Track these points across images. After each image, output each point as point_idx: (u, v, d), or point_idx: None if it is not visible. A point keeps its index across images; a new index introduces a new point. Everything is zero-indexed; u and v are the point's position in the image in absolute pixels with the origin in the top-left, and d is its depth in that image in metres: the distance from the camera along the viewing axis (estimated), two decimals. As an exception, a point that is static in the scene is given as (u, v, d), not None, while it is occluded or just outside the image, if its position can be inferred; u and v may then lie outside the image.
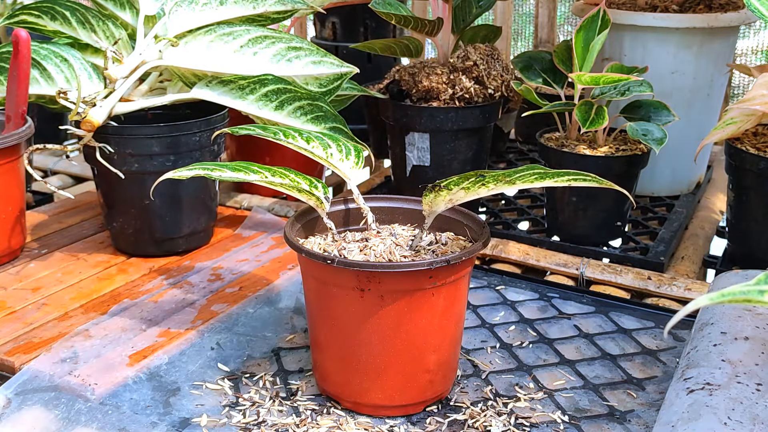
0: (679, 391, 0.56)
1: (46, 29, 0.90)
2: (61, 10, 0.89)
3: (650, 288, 0.86)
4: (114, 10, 0.93)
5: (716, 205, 1.11)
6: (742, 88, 1.57)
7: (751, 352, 0.58)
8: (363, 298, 0.60)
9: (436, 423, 0.63)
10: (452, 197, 0.62)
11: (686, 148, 1.04)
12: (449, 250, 0.65)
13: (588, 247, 0.94)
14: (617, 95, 0.93)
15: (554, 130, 1.00)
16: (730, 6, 1.05)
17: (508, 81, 1.01)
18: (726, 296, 0.33)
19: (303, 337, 0.76)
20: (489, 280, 0.88)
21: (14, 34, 0.83)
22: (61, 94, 0.83)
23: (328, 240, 0.66)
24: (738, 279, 0.67)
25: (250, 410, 0.64)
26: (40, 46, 0.87)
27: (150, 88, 0.90)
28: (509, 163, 1.27)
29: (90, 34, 0.89)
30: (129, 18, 0.94)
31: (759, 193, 0.86)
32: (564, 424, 0.63)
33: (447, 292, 0.61)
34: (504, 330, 0.78)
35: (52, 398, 0.65)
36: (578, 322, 0.79)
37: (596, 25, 0.93)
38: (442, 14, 0.98)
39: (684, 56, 1.03)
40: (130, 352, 0.71)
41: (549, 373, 0.70)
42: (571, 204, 0.94)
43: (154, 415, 0.63)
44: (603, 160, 0.92)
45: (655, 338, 0.76)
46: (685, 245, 0.98)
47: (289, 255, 0.92)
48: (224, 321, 0.77)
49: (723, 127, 0.84)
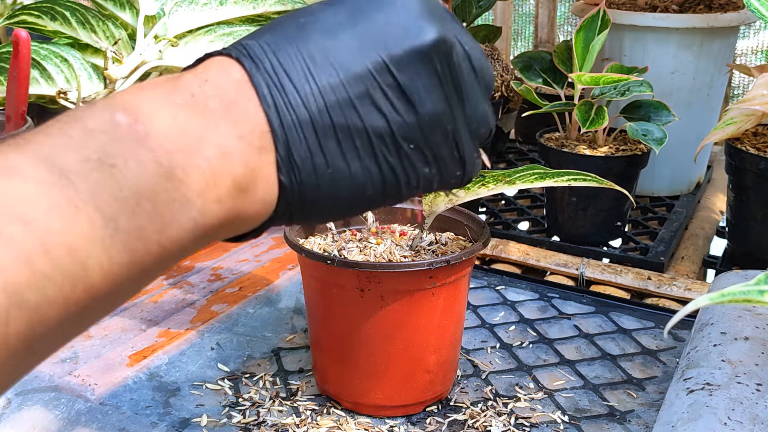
0: (679, 391, 0.56)
1: (46, 29, 0.90)
2: (61, 10, 0.89)
3: (650, 288, 0.86)
4: (114, 11, 0.93)
5: (716, 205, 1.11)
6: (742, 88, 1.57)
7: (751, 352, 0.58)
8: (363, 298, 0.60)
9: (436, 423, 0.63)
10: (452, 197, 0.62)
11: (686, 148, 1.04)
12: (449, 250, 0.65)
13: (588, 247, 0.94)
14: (617, 95, 0.93)
15: (554, 130, 1.00)
16: (730, 6, 1.05)
17: (508, 81, 1.01)
18: (726, 296, 0.33)
19: (303, 337, 0.76)
20: (489, 280, 0.88)
21: (14, 34, 0.82)
22: (61, 94, 0.83)
23: (327, 240, 0.66)
24: (738, 279, 0.67)
25: (250, 410, 0.64)
26: (40, 46, 0.87)
27: (150, 88, 0.90)
28: (509, 163, 1.27)
29: (90, 34, 0.89)
30: (129, 18, 0.94)
31: (759, 193, 0.86)
32: (564, 424, 0.63)
33: (447, 292, 0.61)
34: (504, 330, 0.78)
35: (52, 398, 0.65)
36: (578, 322, 0.79)
37: (596, 25, 0.93)
38: (442, 14, 0.98)
39: (684, 56, 1.03)
40: (130, 353, 0.71)
41: (549, 373, 0.70)
42: (571, 204, 0.94)
43: (154, 416, 0.63)
44: (603, 160, 0.92)
45: (655, 338, 0.76)
46: (685, 245, 0.98)
47: (289, 255, 0.92)
48: (224, 321, 0.77)
49: (723, 127, 0.84)
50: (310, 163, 0.35)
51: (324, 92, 0.35)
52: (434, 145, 0.38)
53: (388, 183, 0.38)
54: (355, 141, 0.36)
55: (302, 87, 0.35)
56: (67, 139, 0.30)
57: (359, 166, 0.36)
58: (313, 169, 0.35)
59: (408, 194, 0.39)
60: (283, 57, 0.35)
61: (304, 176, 0.35)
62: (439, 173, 0.39)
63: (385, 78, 0.36)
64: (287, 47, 0.36)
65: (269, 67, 0.35)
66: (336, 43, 0.36)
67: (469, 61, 0.39)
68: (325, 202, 0.37)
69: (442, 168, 0.39)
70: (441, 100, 0.37)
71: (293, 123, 0.35)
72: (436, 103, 0.37)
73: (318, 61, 0.35)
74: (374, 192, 0.37)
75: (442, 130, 0.38)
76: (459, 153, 0.39)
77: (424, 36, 0.36)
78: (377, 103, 0.36)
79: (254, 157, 0.34)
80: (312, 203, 0.36)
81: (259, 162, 0.34)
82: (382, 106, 0.36)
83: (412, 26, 0.36)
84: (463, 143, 0.39)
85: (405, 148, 0.37)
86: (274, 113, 0.34)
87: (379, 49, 0.36)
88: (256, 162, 0.34)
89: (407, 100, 0.36)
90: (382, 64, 0.36)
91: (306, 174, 0.35)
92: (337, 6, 0.37)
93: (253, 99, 0.34)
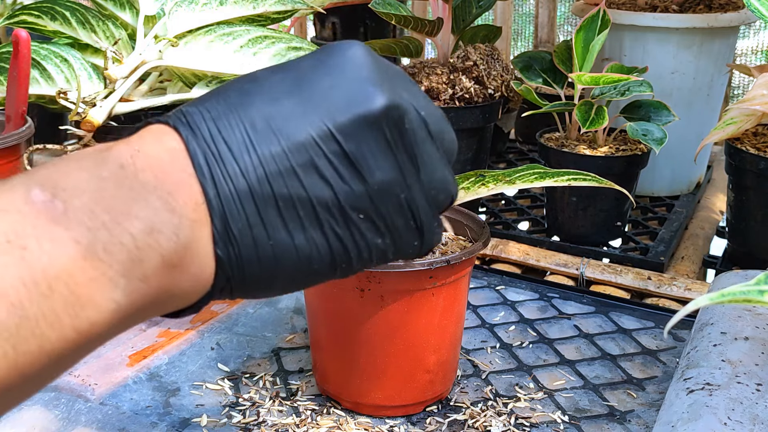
0: (679, 391, 0.56)
1: (46, 29, 0.90)
2: (61, 10, 0.89)
3: (650, 288, 0.86)
4: (114, 10, 0.93)
5: (716, 205, 1.11)
6: (742, 88, 1.57)
7: (751, 352, 0.58)
8: (363, 298, 0.60)
9: (436, 423, 0.63)
10: (452, 197, 0.61)
11: (686, 148, 1.04)
12: (449, 250, 0.65)
13: (588, 247, 0.94)
14: (617, 95, 0.93)
15: (554, 130, 1.00)
16: (730, 6, 1.05)
17: (508, 81, 1.01)
18: (726, 296, 0.33)
19: (303, 337, 0.76)
20: (489, 280, 0.88)
21: (14, 34, 0.82)
22: (61, 94, 0.83)
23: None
24: (738, 279, 0.67)
25: (250, 410, 0.64)
26: (40, 46, 0.87)
27: (150, 88, 0.90)
28: (509, 163, 1.27)
29: (90, 34, 0.89)
30: (129, 18, 0.94)
31: (759, 193, 0.86)
32: (564, 424, 0.63)
33: (447, 292, 0.61)
34: (504, 330, 0.78)
35: (52, 398, 0.65)
36: (578, 322, 0.79)
37: (596, 25, 0.93)
38: (442, 14, 0.98)
39: (684, 56, 1.03)
40: (130, 352, 0.71)
41: (549, 373, 0.70)
42: (571, 204, 0.94)
43: (154, 416, 0.63)
44: (603, 160, 0.92)
45: (655, 338, 0.76)
46: (685, 245, 0.98)
47: (289, 255, 0.92)
48: (224, 321, 0.77)
49: (723, 127, 0.84)
50: (249, 235, 0.34)
51: (264, 161, 0.34)
52: (386, 215, 0.36)
53: (336, 255, 0.36)
54: (298, 211, 0.34)
55: (241, 156, 0.33)
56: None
57: (303, 237, 0.35)
58: (252, 242, 0.34)
59: (360, 266, 0.37)
60: (222, 125, 0.34)
61: (243, 250, 0.34)
62: (394, 244, 0.37)
63: (330, 146, 0.34)
64: (228, 114, 0.34)
65: (207, 135, 0.34)
66: (279, 110, 0.34)
67: (426, 127, 0.37)
68: (266, 276, 0.35)
69: (396, 238, 0.37)
70: (392, 169, 0.36)
71: (230, 194, 0.33)
72: (387, 172, 0.36)
73: (259, 129, 0.34)
74: (321, 265, 0.36)
75: (394, 199, 0.36)
76: (415, 222, 0.38)
77: (371, 102, 0.35)
78: (322, 172, 0.34)
79: (186, 231, 0.32)
80: (253, 277, 0.35)
81: (191, 236, 0.32)
82: (327, 175, 0.34)
83: (359, 92, 0.35)
84: (420, 212, 0.37)
85: (354, 218, 0.35)
86: (210, 184, 0.33)
87: (324, 116, 0.34)
88: (189, 237, 0.32)
89: (354, 169, 0.35)
90: (327, 131, 0.34)
91: (245, 247, 0.34)
92: (283, 72, 0.36)
93: (188, 169, 0.33)
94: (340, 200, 0.35)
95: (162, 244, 0.31)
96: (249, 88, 0.35)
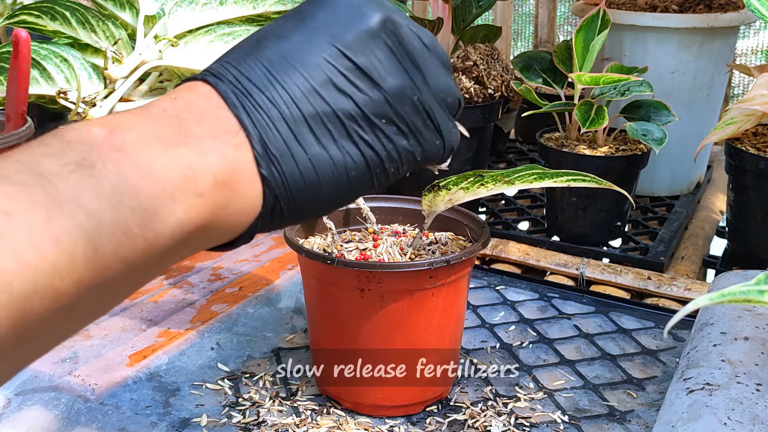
0: (679, 391, 0.56)
1: (46, 29, 0.90)
2: (61, 10, 0.89)
3: (650, 288, 0.86)
4: (114, 10, 0.93)
5: (716, 205, 1.11)
6: (742, 88, 1.57)
7: (751, 352, 0.58)
8: (363, 298, 0.60)
9: (436, 423, 0.63)
10: (451, 197, 0.61)
11: (686, 148, 1.04)
12: (449, 250, 0.65)
13: (588, 247, 0.94)
14: (617, 95, 0.93)
15: (554, 130, 1.01)
16: (730, 6, 1.05)
17: (508, 81, 1.01)
18: (726, 296, 0.33)
19: (303, 337, 0.76)
20: (489, 280, 0.88)
21: (14, 34, 0.82)
22: (61, 94, 0.83)
23: (328, 240, 0.66)
24: (738, 279, 0.67)
25: (250, 410, 0.64)
26: (40, 46, 0.87)
27: (150, 88, 0.90)
28: (509, 163, 1.27)
29: (90, 34, 0.89)
30: (129, 18, 0.94)
31: (759, 193, 0.86)
32: (564, 424, 0.63)
33: (447, 292, 0.61)
34: (504, 330, 0.78)
35: (52, 398, 0.65)
36: (578, 322, 0.79)
37: (596, 25, 0.93)
38: (442, 14, 0.98)
39: (684, 56, 1.03)
40: (130, 352, 0.71)
41: (549, 373, 0.70)
42: (571, 204, 0.94)
43: (154, 415, 0.63)
44: (603, 160, 0.92)
45: (655, 338, 0.76)
46: (685, 245, 0.98)
47: (289, 255, 0.92)
48: (224, 321, 0.77)
49: (723, 127, 0.84)
50: (288, 153, 0.37)
51: (288, 88, 0.38)
52: (406, 117, 0.40)
53: (369, 159, 0.39)
54: (327, 125, 0.38)
55: (266, 87, 0.37)
56: (47, 149, 0.32)
57: (336, 148, 0.38)
58: (292, 159, 0.37)
59: (394, 170, 0.41)
60: (243, 68, 0.38)
61: (285, 167, 0.37)
62: (419, 143, 0.41)
63: (342, 62, 0.38)
64: (246, 59, 0.39)
65: (233, 78, 0.38)
66: (290, 45, 0.39)
67: (420, 39, 0.41)
68: (311, 190, 0.38)
69: (420, 138, 0.41)
70: (401, 73, 0.40)
71: (264, 120, 0.37)
72: (397, 77, 0.40)
73: (276, 63, 0.38)
74: (357, 172, 0.39)
75: (409, 101, 0.40)
76: (432, 122, 0.42)
77: (369, 19, 0.39)
78: (340, 87, 0.38)
79: (231, 153, 0.36)
80: (299, 193, 0.38)
81: (236, 157, 0.36)
82: (345, 89, 0.38)
83: (356, 14, 0.40)
84: (434, 112, 0.42)
85: (377, 123, 0.39)
86: (244, 114, 0.37)
87: (331, 39, 0.39)
88: (234, 157, 0.36)
89: (368, 78, 0.39)
90: (336, 51, 0.38)
91: (286, 164, 0.37)
92: (286, 17, 0.41)
93: (222, 106, 0.37)
94: (361, 109, 0.39)
95: (213, 164, 0.35)
96: (259, 37, 0.40)
